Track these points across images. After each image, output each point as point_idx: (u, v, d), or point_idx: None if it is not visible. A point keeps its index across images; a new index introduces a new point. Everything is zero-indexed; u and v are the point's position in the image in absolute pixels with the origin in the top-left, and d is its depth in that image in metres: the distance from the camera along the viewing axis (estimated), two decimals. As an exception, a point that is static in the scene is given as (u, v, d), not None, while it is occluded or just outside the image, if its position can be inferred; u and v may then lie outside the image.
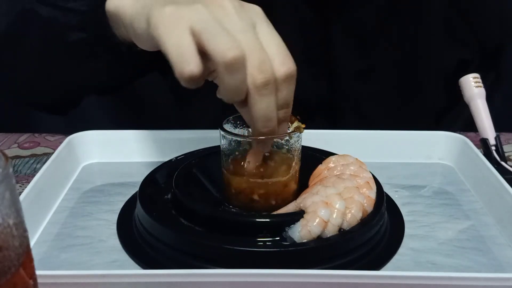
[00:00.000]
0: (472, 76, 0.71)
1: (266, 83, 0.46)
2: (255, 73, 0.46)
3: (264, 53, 0.47)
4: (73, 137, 0.66)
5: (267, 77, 0.46)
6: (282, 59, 0.48)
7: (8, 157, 0.29)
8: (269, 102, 0.47)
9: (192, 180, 0.56)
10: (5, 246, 0.28)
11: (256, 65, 0.46)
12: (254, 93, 0.46)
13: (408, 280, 0.43)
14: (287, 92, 0.48)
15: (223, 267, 0.45)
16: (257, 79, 0.46)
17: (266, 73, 0.46)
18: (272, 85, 0.47)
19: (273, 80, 0.47)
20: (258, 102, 0.47)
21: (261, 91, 0.46)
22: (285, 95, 0.48)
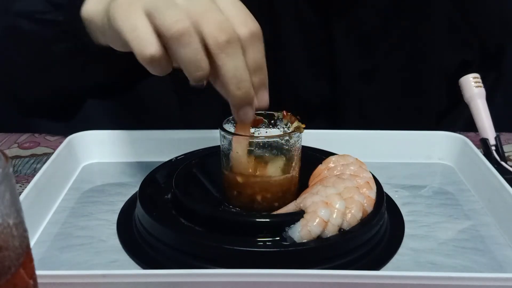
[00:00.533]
0: (472, 76, 0.71)
1: (229, 40, 0.45)
2: (215, 33, 0.45)
3: (222, 14, 0.46)
4: (73, 137, 0.66)
5: (229, 35, 0.45)
6: (243, 19, 0.47)
7: (8, 157, 0.29)
8: (236, 61, 0.46)
9: (192, 180, 0.56)
10: (5, 246, 0.28)
11: (214, 26, 0.45)
12: (219, 53, 0.45)
13: (408, 280, 0.43)
14: (255, 53, 0.47)
15: (223, 267, 0.45)
16: (218, 37, 0.45)
17: (226, 32, 0.45)
18: (236, 43, 0.46)
19: (236, 38, 0.46)
20: (225, 62, 0.46)
21: (225, 50, 0.45)
22: (254, 56, 0.47)
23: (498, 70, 0.86)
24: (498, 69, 0.86)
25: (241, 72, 0.46)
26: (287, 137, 0.53)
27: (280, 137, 0.54)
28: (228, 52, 0.45)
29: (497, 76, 0.86)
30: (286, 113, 0.55)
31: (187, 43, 0.45)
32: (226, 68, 0.46)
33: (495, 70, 0.86)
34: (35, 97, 0.75)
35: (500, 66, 0.87)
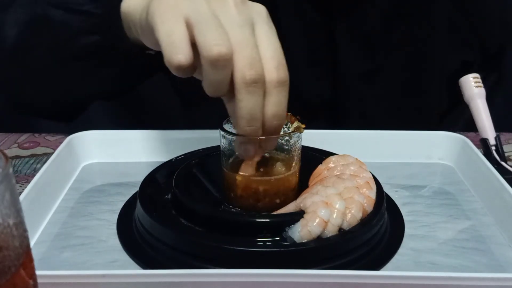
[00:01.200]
0: (472, 76, 0.71)
1: (256, 80, 0.46)
2: (245, 69, 0.45)
3: (257, 52, 0.46)
4: (73, 137, 0.66)
5: (257, 74, 0.46)
6: (277, 64, 0.47)
7: (8, 157, 0.29)
8: (256, 100, 0.46)
9: (192, 180, 0.56)
10: (5, 246, 0.28)
11: (247, 62, 0.46)
12: (242, 88, 0.46)
13: (408, 280, 0.43)
14: (277, 99, 0.47)
15: (223, 267, 0.45)
16: (247, 74, 0.45)
17: (256, 71, 0.46)
18: (261, 84, 0.46)
19: (263, 80, 0.46)
20: (245, 98, 0.46)
21: (249, 88, 0.46)
22: (275, 102, 0.47)
23: (498, 71, 0.86)
24: (498, 70, 0.86)
25: (256, 112, 0.47)
26: (287, 137, 0.53)
27: (280, 137, 0.54)
28: (249, 90, 0.46)
29: (497, 76, 0.86)
30: (286, 113, 0.55)
31: (221, 67, 0.45)
32: (243, 105, 0.46)
33: (496, 71, 0.86)
34: (44, 96, 0.75)
35: (500, 66, 0.87)
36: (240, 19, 0.47)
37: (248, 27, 0.47)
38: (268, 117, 0.48)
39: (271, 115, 0.47)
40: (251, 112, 0.47)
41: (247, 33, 0.47)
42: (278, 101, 0.47)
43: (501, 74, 0.87)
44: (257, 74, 0.46)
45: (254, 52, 0.46)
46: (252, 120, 0.47)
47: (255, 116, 0.47)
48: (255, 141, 0.50)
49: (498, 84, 0.86)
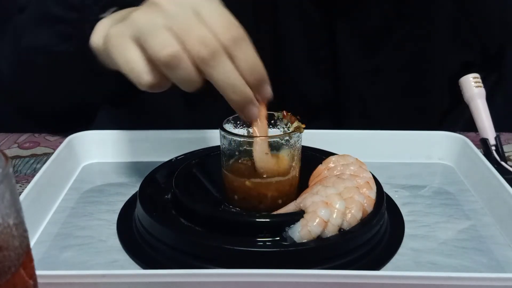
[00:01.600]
0: (472, 76, 0.71)
1: (211, 54, 0.46)
2: (198, 49, 0.46)
3: (202, 27, 0.47)
4: (73, 137, 0.66)
5: (210, 48, 0.46)
6: (224, 25, 0.48)
7: (8, 157, 0.29)
8: (224, 70, 0.47)
9: (192, 180, 0.56)
10: (5, 246, 0.28)
11: (196, 42, 0.46)
12: (205, 68, 0.47)
13: (408, 280, 0.43)
14: (244, 54, 0.48)
15: (223, 267, 0.45)
16: (201, 53, 0.46)
17: (208, 44, 0.46)
18: (219, 54, 0.47)
19: (220, 48, 0.47)
20: (214, 73, 0.47)
21: (210, 64, 0.47)
22: (244, 59, 0.48)
23: (499, 71, 0.86)
24: (499, 70, 0.86)
25: (231, 78, 0.47)
26: (287, 137, 0.53)
27: (280, 137, 0.54)
28: (213, 65, 0.47)
29: (498, 76, 0.86)
30: (286, 113, 0.55)
31: (176, 66, 0.47)
32: (216, 79, 0.47)
33: (496, 71, 0.86)
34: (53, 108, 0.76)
35: (501, 66, 0.87)
36: (177, 11, 0.48)
37: (188, 11, 0.48)
38: (246, 74, 0.48)
39: (247, 71, 0.48)
40: (227, 81, 0.47)
41: (188, 17, 0.47)
42: (245, 56, 0.48)
43: (501, 74, 0.87)
44: (211, 46, 0.46)
45: (200, 29, 0.47)
46: (234, 87, 0.48)
47: (234, 82, 0.47)
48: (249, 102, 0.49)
49: (498, 84, 0.86)
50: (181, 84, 0.49)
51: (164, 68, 0.47)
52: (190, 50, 0.47)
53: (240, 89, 0.48)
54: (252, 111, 0.50)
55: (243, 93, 0.48)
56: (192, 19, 0.47)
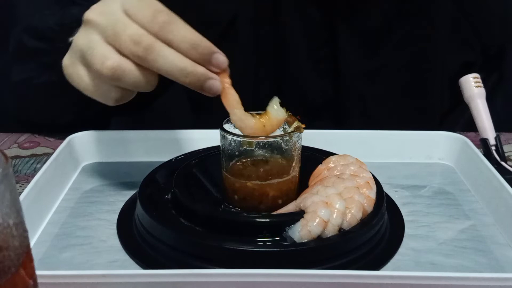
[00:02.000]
0: (472, 76, 0.71)
1: (147, 49, 0.47)
2: (132, 49, 0.47)
3: (132, 26, 0.48)
4: (73, 137, 0.66)
5: (143, 43, 0.47)
6: (149, 15, 0.48)
7: (8, 157, 0.29)
8: (166, 59, 0.47)
9: (192, 180, 0.56)
10: (5, 246, 0.28)
11: (128, 42, 0.47)
12: (149, 65, 0.47)
13: (408, 280, 0.43)
14: (179, 36, 0.48)
15: (223, 267, 0.45)
16: (135, 52, 0.47)
17: (140, 42, 0.47)
18: (154, 45, 0.47)
19: (152, 40, 0.47)
20: (158, 67, 0.47)
21: (149, 58, 0.47)
22: (180, 40, 0.47)
23: (499, 71, 0.86)
24: (499, 70, 0.86)
25: (176, 63, 0.47)
26: (287, 137, 0.53)
27: (280, 137, 0.54)
28: (153, 59, 0.47)
29: (498, 76, 0.86)
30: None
31: (122, 75, 0.48)
32: (162, 70, 0.48)
33: (496, 71, 0.86)
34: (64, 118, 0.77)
35: (501, 66, 0.87)
36: (106, 20, 0.49)
37: (117, 15, 0.48)
38: (189, 53, 0.48)
39: (188, 49, 0.48)
40: (174, 68, 0.47)
41: (117, 21, 0.48)
42: (180, 36, 0.48)
43: (502, 74, 0.87)
44: (143, 42, 0.47)
45: (130, 29, 0.47)
46: (182, 71, 0.47)
47: (180, 66, 0.47)
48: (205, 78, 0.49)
49: (498, 84, 0.86)
50: (137, 88, 0.50)
51: (112, 82, 0.48)
52: (127, 54, 0.47)
53: (189, 71, 0.48)
54: (212, 86, 0.49)
55: (195, 72, 0.48)
56: (122, 21, 0.48)
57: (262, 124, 0.51)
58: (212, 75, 0.49)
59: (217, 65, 0.49)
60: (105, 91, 0.51)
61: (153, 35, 0.47)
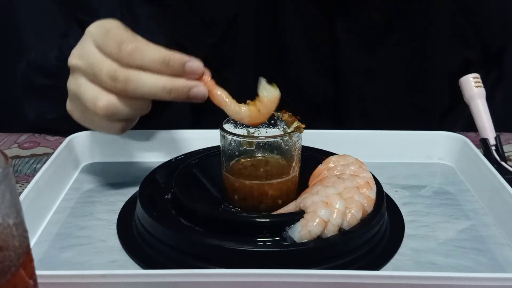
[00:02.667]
0: (472, 76, 0.71)
1: (124, 81, 0.49)
2: (114, 85, 0.50)
3: (106, 62, 0.50)
4: (73, 137, 0.66)
5: (119, 77, 0.49)
6: (116, 47, 0.50)
7: (8, 157, 0.29)
8: (145, 85, 0.49)
9: (192, 180, 0.56)
10: (5, 246, 0.28)
11: (109, 80, 0.50)
12: (134, 94, 0.50)
13: (408, 280, 0.43)
14: (148, 59, 0.49)
15: (223, 267, 0.45)
16: (119, 87, 0.49)
17: (116, 76, 0.49)
18: (127, 75, 0.49)
19: (126, 70, 0.49)
20: (142, 93, 0.49)
21: (130, 89, 0.49)
22: (150, 62, 0.49)
23: (499, 69, 0.86)
24: (499, 69, 0.86)
25: (155, 85, 0.49)
26: (287, 137, 0.53)
27: (280, 137, 0.54)
28: (134, 88, 0.50)
29: (498, 75, 0.86)
30: (286, 112, 0.55)
31: (115, 111, 0.51)
32: (147, 94, 0.50)
33: (496, 70, 0.86)
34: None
35: (501, 65, 0.87)
36: (86, 62, 0.52)
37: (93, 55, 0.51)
38: (163, 71, 0.49)
39: (161, 68, 0.49)
40: (156, 90, 0.49)
41: (94, 60, 0.51)
42: (148, 59, 0.49)
43: (502, 73, 0.87)
44: (119, 77, 0.49)
45: (104, 66, 0.50)
46: (164, 90, 0.49)
47: (160, 86, 0.49)
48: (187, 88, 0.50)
49: (498, 83, 0.86)
50: (135, 116, 0.53)
51: (110, 118, 0.51)
52: (111, 90, 0.50)
53: (169, 87, 0.49)
54: (197, 93, 0.50)
55: (175, 87, 0.49)
56: (97, 60, 0.51)
57: (257, 109, 0.51)
58: (193, 83, 0.50)
59: (193, 72, 0.50)
60: (108, 125, 0.54)
61: (126, 66, 0.49)
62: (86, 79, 0.52)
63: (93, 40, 0.52)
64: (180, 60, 0.49)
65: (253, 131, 0.57)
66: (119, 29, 0.51)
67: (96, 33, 0.52)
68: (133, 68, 0.49)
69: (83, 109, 0.54)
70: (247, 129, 0.56)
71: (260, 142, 0.55)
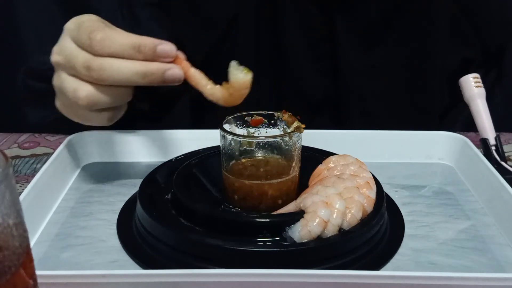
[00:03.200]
0: (472, 76, 0.71)
1: (98, 70, 0.50)
2: (90, 75, 0.51)
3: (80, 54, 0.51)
4: (73, 137, 0.66)
5: (93, 66, 0.50)
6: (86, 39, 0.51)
7: (8, 157, 0.29)
8: (119, 71, 0.50)
9: (192, 180, 0.56)
10: (5, 246, 0.28)
11: (83, 71, 0.51)
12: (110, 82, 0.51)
13: (408, 280, 0.43)
14: (118, 47, 0.50)
15: (223, 267, 0.45)
16: (92, 76, 0.50)
17: (90, 66, 0.50)
18: (100, 63, 0.50)
19: (97, 61, 0.50)
20: (117, 80, 0.50)
21: (104, 77, 0.50)
22: (120, 49, 0.50)
23: (499, 69, 0.86)
24: (499, 68, 0.86)
25: (128, 71, 0.50)
26: (287, 137, 0.53)
27: (280, 137, 0.54)
28: (108, 76, 0.50)
29: (498, 75, 0.86)
30: (286, 112, 0.55)
31: (96, 100, 0.52)
32: (120, 81, 0.51)
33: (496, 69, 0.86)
34: None
35: (501, 65, 0.87)
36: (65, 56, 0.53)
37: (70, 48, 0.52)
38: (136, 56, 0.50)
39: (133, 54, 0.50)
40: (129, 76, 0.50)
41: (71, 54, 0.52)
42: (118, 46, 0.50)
43: (501, 73, 0.87)
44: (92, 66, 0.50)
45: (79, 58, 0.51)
46: (138, 75, 0.50)
47: (133, 71, 0.50)
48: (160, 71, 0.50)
49: (498, 83, 0.86)
50: (118, 103, 0.54)
51: (93, 108, 0.53)
52: (88, 80, 0.51)
53: (143, 71, 0.50)
54: (173, 75, 0.51)
55: (149, 71, 0.50)
56: (73, 53, 0.52)
57: (229, 93, 0.51)
58: (168, 66, 0.51)
59: (166, 55, 0.51)
60: (94, 116, 0.55)
61: (98, 54, 0.50)
62: (66, 73, 0.53)
63: (69, 35, 0.53)
64: (151, 43, 0.50)
65: (253, 131, 0.57)
66: (92, 21, 0.53)
67: (71, 28, 0.53)
68: (106, 57, 0.50)
69: (68, 104, 0.55)
70: (247, 129, 0.56)
71: (260, 142, 0.55)
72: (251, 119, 0.56)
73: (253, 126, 0.56)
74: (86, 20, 0.53)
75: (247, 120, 0.56)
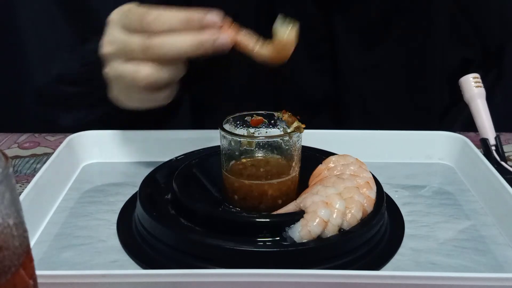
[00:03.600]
0: (472, 76, 0.71)
1: (154, 48, 0.52)
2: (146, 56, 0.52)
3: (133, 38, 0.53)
4: (73, 137, 0.66)
5: (148, 48, 0.52)
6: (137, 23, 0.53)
7: (8, 157, 0.29)
8: (173, 46, 0.52)
9: (192, 180, 0.56)
10: (5, 246, 0.28)
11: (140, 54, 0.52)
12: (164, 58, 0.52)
13: (408, 280, 0.43)
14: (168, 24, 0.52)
15: (223, 267, 0.45)
16: (151, 56, 0.52)
17: (146, 47, 0.52)
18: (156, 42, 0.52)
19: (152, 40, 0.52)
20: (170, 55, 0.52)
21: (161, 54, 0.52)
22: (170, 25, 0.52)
23: (499, 69, 0.86)
24: (499, 68, 0.86)
25: (182, 45, 0.52)
26: (287, 137, 0.53)
27: (280, 137, 0.54)
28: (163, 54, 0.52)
29: (498, 75, 0.86)
30: (286, 112, 0.55)
31: (156, 79, 0.53)
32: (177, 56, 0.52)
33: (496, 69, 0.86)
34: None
35: (501, 65, 0.87)
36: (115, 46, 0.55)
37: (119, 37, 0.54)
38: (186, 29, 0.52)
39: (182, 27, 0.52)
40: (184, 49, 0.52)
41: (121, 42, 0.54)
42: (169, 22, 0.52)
43: (501, 73, 0.87)
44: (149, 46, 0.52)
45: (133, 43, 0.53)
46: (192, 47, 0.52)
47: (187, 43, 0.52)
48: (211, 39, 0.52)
49: (498, 83, 0.86)
50: (172, 79, 0.55)
51: (154, 87, 0.54)
52: (146, 60, 0.53)
53: (197, 43, 0.52)
54: (222, 42, 0.52)
55: (202, 42, 0.52)
56: (125, 40, 0.54)
57: (276, 51, 0.53)
58: (216, 34, 0.53)
59: (213, 24, 0.53)
60: (153, 97, 0.56)
61: (152, 35, 0.52)
62: (120, 61, 0.55)
63: (117, 24, 0.55)
64: (199, 15, 0.52)
65: (253, 131, 0.57)
66: (137, 8, 0.55)
67: (118, 18, 0.56)
68: (160, 35, 0.52)
69: (125, 89, 0.57)
70: (247, 129, 0.56)
71: (260, 142, 0.55)
72: (251, 119, 0.56)
73: (253, 126, 0.56)
74: (131, 7, 0.55)
75: (247, 120, 0.56)
